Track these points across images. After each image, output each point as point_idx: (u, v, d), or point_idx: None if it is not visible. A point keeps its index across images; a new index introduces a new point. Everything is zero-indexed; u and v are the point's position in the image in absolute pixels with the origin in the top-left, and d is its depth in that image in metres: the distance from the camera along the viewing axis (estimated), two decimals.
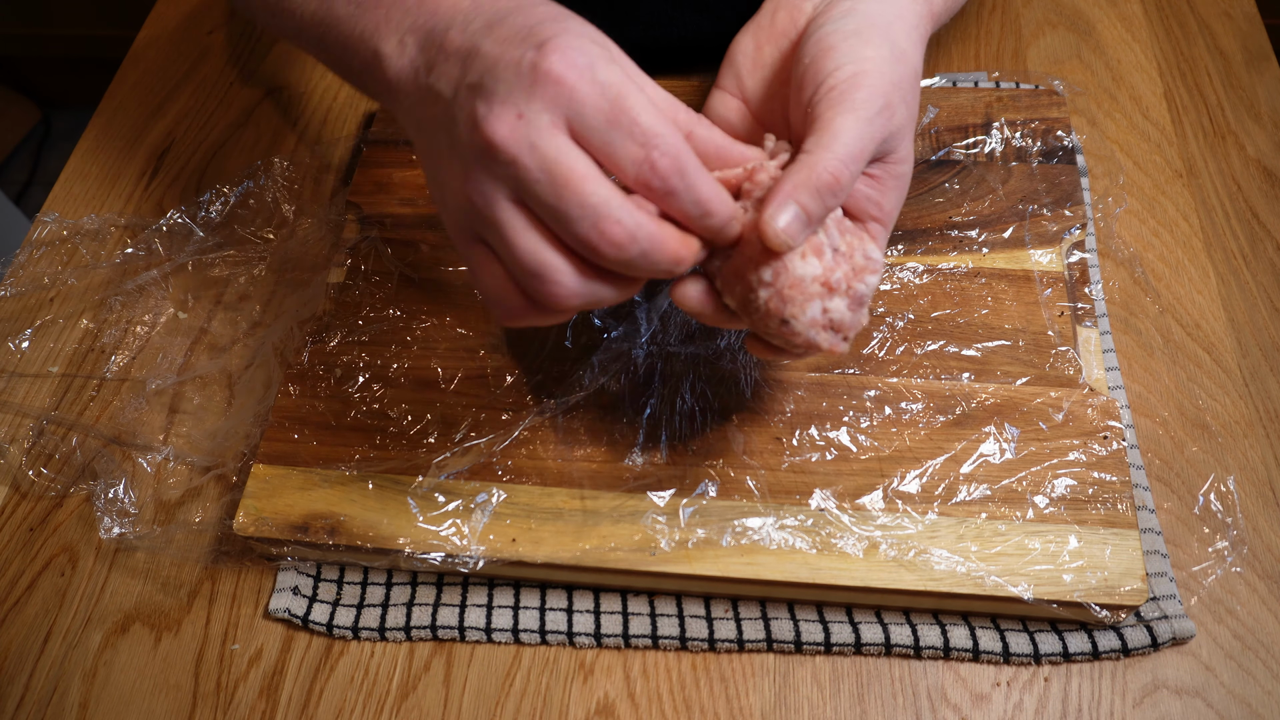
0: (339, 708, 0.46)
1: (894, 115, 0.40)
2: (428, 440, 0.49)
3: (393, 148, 0.62)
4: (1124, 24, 0.70)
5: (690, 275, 0.40)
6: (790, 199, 0.36)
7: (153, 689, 0.47)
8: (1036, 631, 0.45)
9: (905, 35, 0.42)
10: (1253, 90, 0.66)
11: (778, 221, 0.36)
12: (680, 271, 0.37)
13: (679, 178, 0.35)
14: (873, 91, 0.39)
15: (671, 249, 0.35)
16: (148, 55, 0.75)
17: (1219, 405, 0.52)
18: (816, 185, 0.37)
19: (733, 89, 0.46)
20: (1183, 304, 0.56)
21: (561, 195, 0.34)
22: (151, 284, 0.60)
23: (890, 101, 0.39)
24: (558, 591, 0.48)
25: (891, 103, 0.39)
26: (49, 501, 0.53)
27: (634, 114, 0.34)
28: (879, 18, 0.42)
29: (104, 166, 0.68)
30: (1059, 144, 0.59)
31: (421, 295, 0.55)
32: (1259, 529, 0.48)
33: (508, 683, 0.46)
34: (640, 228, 0.34)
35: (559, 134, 0.34)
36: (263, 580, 0.50)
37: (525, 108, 0.34)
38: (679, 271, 0.37)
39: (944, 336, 0.52)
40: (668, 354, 0.52)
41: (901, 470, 0.47)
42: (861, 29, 0.41)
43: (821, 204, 0.37)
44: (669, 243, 0.35)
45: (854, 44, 0.40)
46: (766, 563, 0.45)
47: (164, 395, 0.55)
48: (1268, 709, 0.44)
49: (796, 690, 0.45)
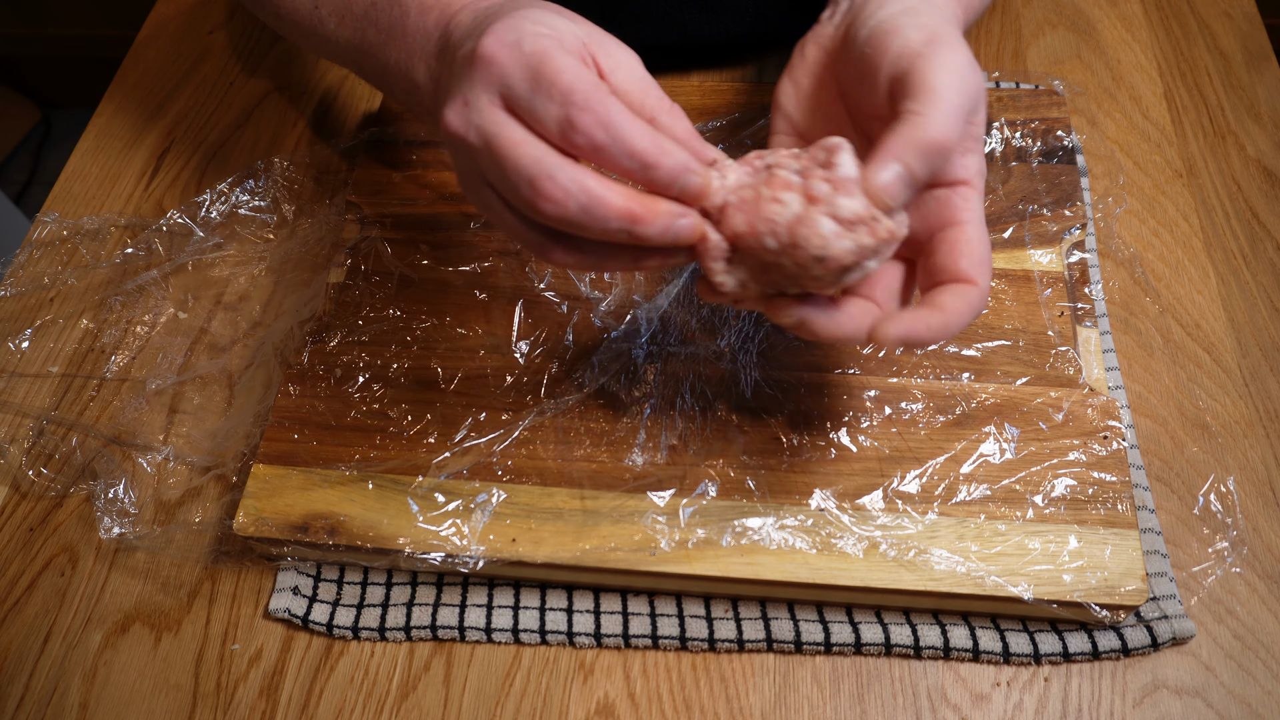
0: (339, 708, 0.46)
1: (977, 72, 0.38)
2: (428, 440, 0.49)
3: (393, 148, 0.62)
4: (1124, 24, 0.70)
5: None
6: (894, 158, 0.35)
7: (153, 689, 0.47)
8: (1036, 631, 0.45)
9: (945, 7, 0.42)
10: (1253, 90, 0.66)
11: (880, 178, 0.35)
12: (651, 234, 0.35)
13: (603, 131, 0.34)
14: (957, 49, 0.37)
15: (616, 205, 0.34)
16: (148, 55, 0.75)
17: (1219, 405, 0.52)
18: (925, 145, 0.35)
19: (784, 129, 0.45)
20: (1183, 304, 0.56)
21: (500, 163, 0.35)
22: (151, 284, 0.60)
23: (972, 58, 0.38)
24: (558, 591, 0.48)
25: (973, 59, 0.38)
26: (49, 501, 0.53)
27: (553, 75, 0.34)
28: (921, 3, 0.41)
29: (104, 166, 0.68)
30: (1059, 144, 0.59)
31: (421, 295, 0.55)
32: (1259, 529, 0.48)
33: (508, 683, 0.46)
34: (574, 182, 0.34)
35: (496, 110, 0.35)
36: (263, 580, 0.50)
37: (468, 94, 0.35)
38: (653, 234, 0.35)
39: None
40: (668, 354, 0.52)
41: (901, 470, 0.47)
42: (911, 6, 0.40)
43: (928, 165, 0.35)
44: (611, 199, 0.34)
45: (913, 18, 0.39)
46: (766, 563, 0.45)
47: (164, 395, 0.55)
48: (1268, 709, 0.44)
49: (796, 690, 0.45)
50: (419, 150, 0.61)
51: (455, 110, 0.36)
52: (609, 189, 0.35)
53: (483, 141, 0.35)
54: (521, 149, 0.34)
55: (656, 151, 0.35)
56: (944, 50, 0.37)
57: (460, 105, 0.36)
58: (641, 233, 0.35)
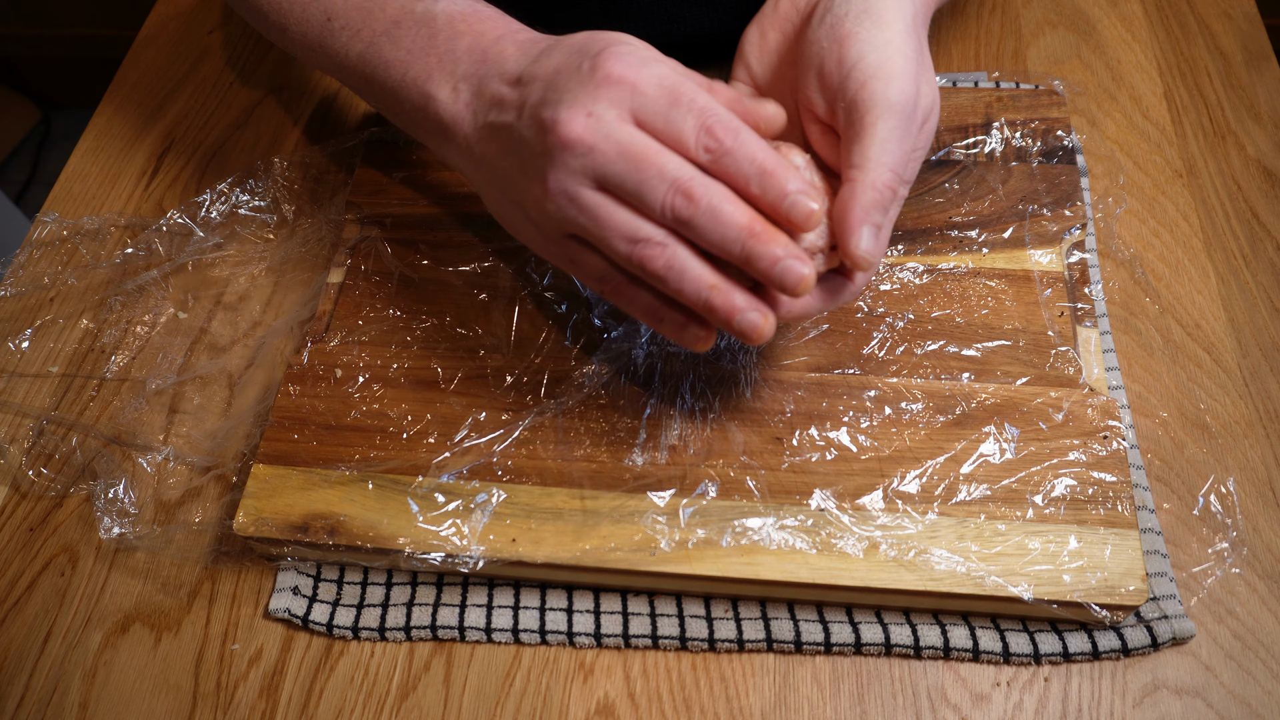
0: (339, 708, 0.46)
1: (922, 98, 0.41)
2: (428, 440, 0.49)
3: (393, 148, 0.62)
4: (1124, 24, 0.70)
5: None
6: (863, 224, 0.39)
7: (153, 689, 0.47)
8: (1036, 631, 0.45)
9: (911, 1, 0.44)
10: (1253, 90, 0.66)
11: (861, 247, 0.39)
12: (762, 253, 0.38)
13: (732, 138, 0.38)
14: (903, 83, 0.40)
15: (741, 216, 0.38)
16: (148, 55, 0.75)
17: (1219, 405, 0.52)
18: (880, 201, 0.39)
19: (743, 78, 0.48)
20: (1183, 304, 0.56)
21: (641, 169, 0.38)
22: (151, 284, 0.60)
23: (919, 86, 0.41)
24: (558, 591, 0.48)
25: (920, 87, 0.41)
26: (49, 501, 0.53)
27: (690, 95, 0.39)
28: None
29: (104, 166, 0.68)
30: (1059, 144, 0.59)
31: (421, 295, 0.55)
32: (1259, 529, 0.48)
33: (508, 683, 0.46)
34: (708, 186, 0.38)
35: (627, 124, 0.39)
36: (263, 580, 0.50)
37: (593, 107, 0.39)
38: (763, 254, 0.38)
39: (944, 336, 0.52)
40: (668, 354, 0.52)
41: (901, 470, 0.47)
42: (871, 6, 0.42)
43: (889, 214, 0.40)
44: (738, 211, 0.38)
45: (869, 28, 0.42)
46: (766, 563, 0.45)
47: (164, 395, 0.55)
48: (1268, 709, 0.44)
49: (796, 690, 0.45)
50: (419, 150, 0.61)
51: (578, 120, 0.38)
52: (738, 205, 0.38)
53: (619, 150, 0.38)
54: (663, 157, 0.38)
55: (775, 163, 0.38)
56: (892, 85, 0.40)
57: (584, 116, 0.38)
58: (753, 249, 0.38)
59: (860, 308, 0.53)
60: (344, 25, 0.50)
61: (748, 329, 0.39)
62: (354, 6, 0.50)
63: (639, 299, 0.42)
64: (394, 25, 0.48)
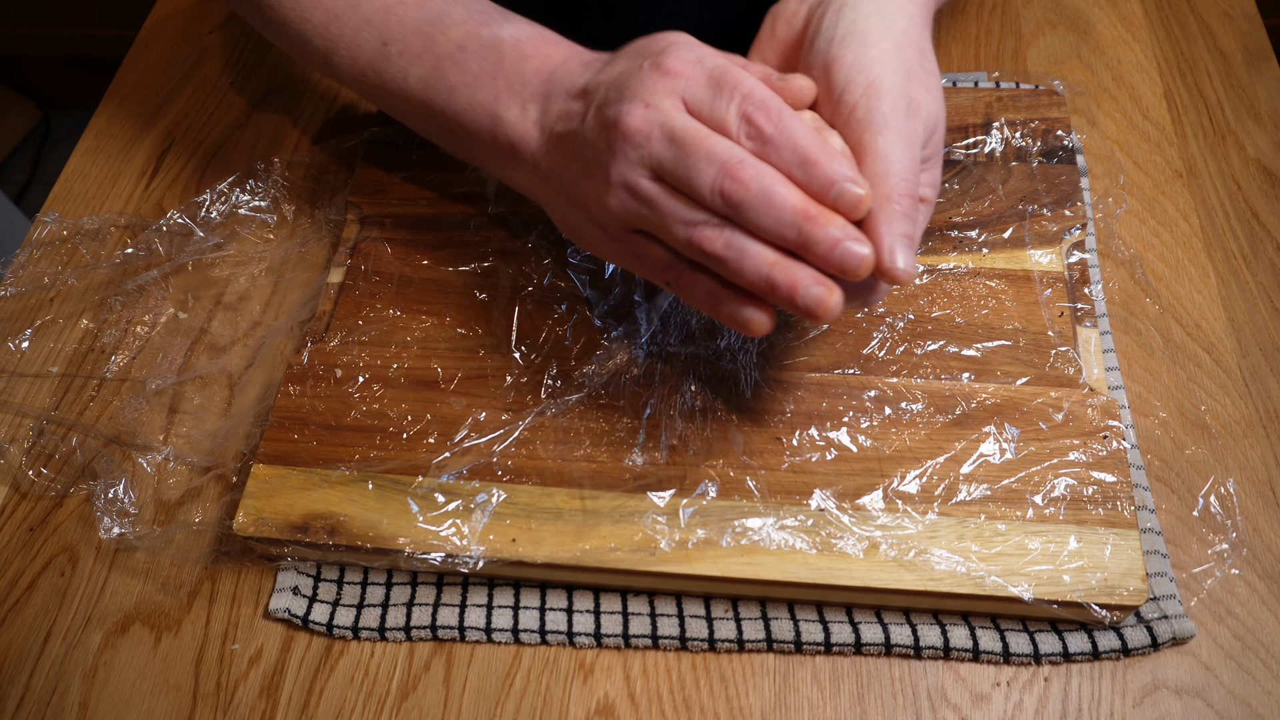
0: (339, 708, 0.46)
1: (921, 108, 0.41)
2: (428, 440, 0.49)
3: (393, 148, 0.62)
4: (1124, 24, 0.70)
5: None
6: (896, 238, 0.39)
7: (153, 689, 0.47)
8: (1036, 631, 0.45)
9: (901, 11, 0.44)
10: (1253, 90, 0.66)
11: (899, 262, 0.39)
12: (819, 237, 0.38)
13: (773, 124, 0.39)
14: (894, 99, 0.41)
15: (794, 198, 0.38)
16: (148, 55, 0.75)
17: (1219, 405, 0.52)
18: (903, 212, 0.39)
19: None
20: (1183, 304, 0.56)
21: (689, 153, 0.38)
22: (151, 284, 0.60)
23: (913, 98, 0.41)
24: (558, 591, 0.48)
25: (914, 98, 0.41)
26: (49, 501, 0.53)
27: (735, 80, 0.39)
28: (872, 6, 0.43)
29: (104, 166, 0.68)
30: (1059, 144, 0.59)
31: (421, 295, 0.55)
32: (1259, 529, 0.48)
33: (508, 683, 0.46)
34: (758, 169, 0.38)
35: (680, 111, 0.40)
36: (263, 580, 0.50)
37: (650, 98, 0.40)
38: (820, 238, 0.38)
39: (944, 336, 0.52)
40: (668, 354, 0.52)
41: (901, 470, 0.47)
42: (856, 26, 0.43)
43: (914, 222, 0.40)
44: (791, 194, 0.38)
45: (854, 50, 0.42)
46: (766, 563, 0.45)
47: (164, 395, 0.55)
48: (1268, 709, 0.44)
49: (796, 690, 0.45)
50: (419, 150, 0.61)
51: (637, 111, 0.39)
52: (790, 187, 0.38)
53: (669, 137, 0.39)
54: (710, 140, 0.39)
55: (819, 150, 0.38)
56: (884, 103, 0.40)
57: (642, 108, 0.39)
58: (809, 233, 0.37)
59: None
60: (402, 50, 0.49)
61: (812, 304, 0.38)
62: (413, 32, 0.49)
63: (699, 284, 0.42)
64: (458, 50, 0.48)
